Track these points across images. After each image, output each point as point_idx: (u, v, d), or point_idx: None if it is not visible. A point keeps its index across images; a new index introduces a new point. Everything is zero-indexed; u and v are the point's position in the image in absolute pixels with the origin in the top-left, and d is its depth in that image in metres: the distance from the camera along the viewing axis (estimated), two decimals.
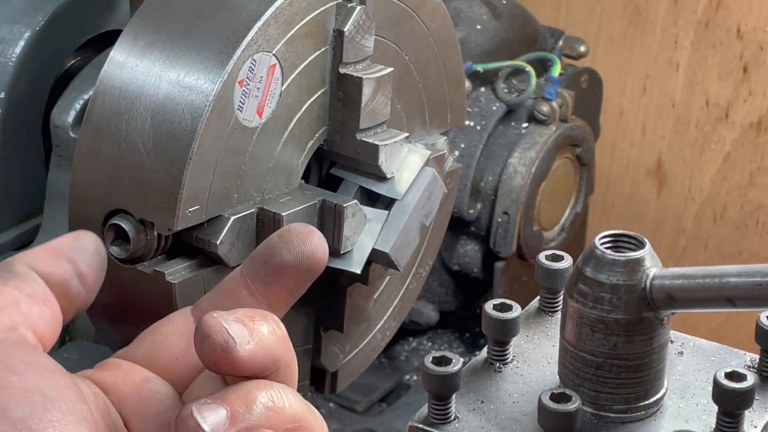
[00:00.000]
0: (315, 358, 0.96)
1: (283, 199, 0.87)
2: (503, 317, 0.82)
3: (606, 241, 0.77)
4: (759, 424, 0.79)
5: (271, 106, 0.85)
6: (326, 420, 1.17)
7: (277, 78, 0.84)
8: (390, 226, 0.90)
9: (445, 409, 0.79)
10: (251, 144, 0.85)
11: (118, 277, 0.83)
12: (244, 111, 0.83)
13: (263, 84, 0.84)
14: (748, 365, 0.84)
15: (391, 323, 1.02)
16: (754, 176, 1.47)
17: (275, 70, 0.84)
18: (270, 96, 0.85)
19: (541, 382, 0.82)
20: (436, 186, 0.91)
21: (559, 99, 1.24)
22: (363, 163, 0.90)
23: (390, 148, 0.89)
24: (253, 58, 0.83)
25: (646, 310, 0.76)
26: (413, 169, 0.91)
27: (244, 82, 0.83)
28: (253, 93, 0.84)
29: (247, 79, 0.83)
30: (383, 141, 0.89)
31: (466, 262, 1.26)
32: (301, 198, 0.88)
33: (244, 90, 0.83)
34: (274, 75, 0.84)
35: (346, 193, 0.91)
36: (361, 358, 1.00)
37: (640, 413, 0.79)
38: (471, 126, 1.23)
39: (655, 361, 0.78)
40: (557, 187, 1.27)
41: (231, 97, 0.82)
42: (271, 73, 0.84)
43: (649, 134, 1.52)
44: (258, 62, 0.83)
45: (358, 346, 0.99)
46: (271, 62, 0.84)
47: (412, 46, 0.93)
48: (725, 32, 1.43)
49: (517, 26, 1.28)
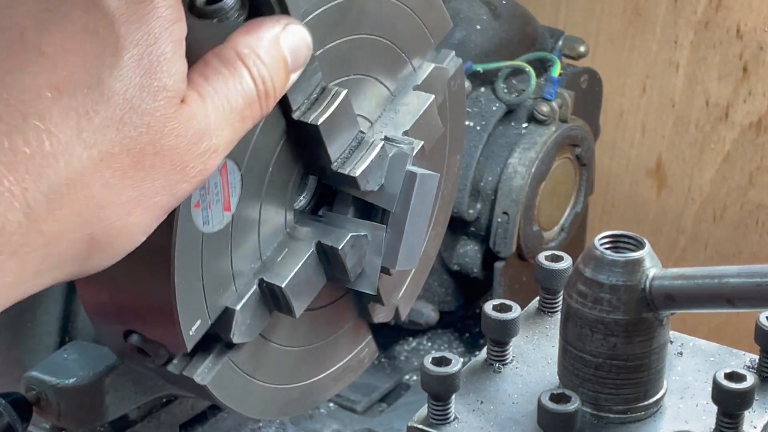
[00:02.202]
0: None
1: (280, 256, 0.86)
2: (503, 318, 0.82)
3: (605, 242, 0.77)
4: (758, 424, 0.79)
5: (237, 194, 0.82)
6: (326, 420, 1.18)
7: (232, 169, 0.81)
8: (391, 240, 0.89)
9: (445, 410, 0.79)
10: (230, 237, 0.83)
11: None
12: (211, 222, 0.82)
13: (220, 186, 0.81)
14: (747, 366, 0.84)
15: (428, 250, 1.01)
16: (754, 176, 1.47)
17: (227, 166, 0.81)
18: (232, 188, 0.82)
19: (540, 382, 0.82)
20: (426, 183, 0.89)
21: (559, 99, 1.24)
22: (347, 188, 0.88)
23: (368, 168, 0.86)
24: None
25: (645, 310, 0.76)
26: (401, 168, 0.89)
27: (200, 203, 0.80)
28: (214, 200, 0.81)
29: (201, 198, 0.80)
30: (360, 167, 0.85)
31: (465, 262, 1.26)
32: (297, 249, 0.87)
33: (203, 207, 0.80)
34: (227, 170, 0.81)
35: (342, 205, 0.89)
36: (412, 287, 1.00)
37: (640, 414, 0.79)
38: (471, 126, 1.23)
39: (655, 361, 0.78)
40: (557, 187, 1.27)
41: (192, 224, 0.80)
42: (224, 172, 0.81)
43: (649, 134, 1.52)
44: None
45: (402, 288, 0.99)
46: (219, 163, 0.80)
47: (361, 18, 0.89)
48: (725, 32, 1.43)
49: (516, 26, 1.27)
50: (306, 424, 1.16)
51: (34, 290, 0.67)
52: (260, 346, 0.89)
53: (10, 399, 0.92)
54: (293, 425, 1.12)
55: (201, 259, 0.82)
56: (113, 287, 0.85)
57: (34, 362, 0.96)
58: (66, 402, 0.94)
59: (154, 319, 0.84)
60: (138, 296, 0.84)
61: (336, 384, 1.00)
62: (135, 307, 0.85)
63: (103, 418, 0.95)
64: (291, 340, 0.93)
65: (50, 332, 0.99)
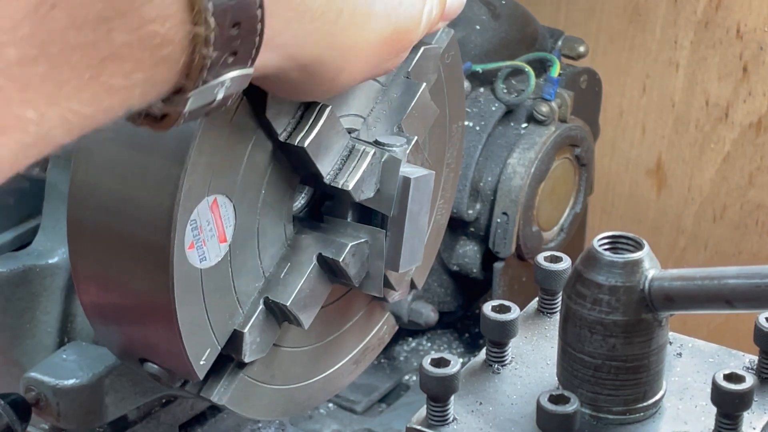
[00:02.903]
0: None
1: (283, 272, 0.87)
2: (502, 319, 0.82)
3: (604, 243, 0.77)
4: (758, 425, 0.79)
5: (231, 224, 0.83)
6: (326, 420, 1.18)
7: (223, 203, 0.82)
8: (393, 242, 0.89)
9: (444, 411, 0.79)
10: (229, 265, 0.84)
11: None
12: (208, 257, 0.82)
13: (213, 222, 0.81)
14: (746, 367, 0.84)
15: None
16: (754, 176, 1.47)
17: (217, 201, 0.81)
18: (225, 220, 0.82)
19: (539, 383, 0.82)
20: (421, 185, 0.88)
21: (559, 99, 1.24)
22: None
23: (361, 178, 0.85)
24: (191, 221, 0.80)
25: (644, 311, 0.76)
26: (394, 173, 0.87)
27: (194, 243, 0.80)
28: (208, 237, 0.81)
29: (195, 238, 0.80)
30: (353, 179, 0.85)
31: (465, 263, 1.26)
32: (299, 264, 0.87)
33: (198, 246, 0.81)
34: (218, 205, 0.81)
35: (341, 207, 0.89)
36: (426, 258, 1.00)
37: (639, 415, 0.79)
38: (470, 126, 1.23)
39: (654, 362, 0.78)
40: (556, 188, 1.27)
41: (189, 265, 0.80)
42: (215, 207, 0.81)
43: (649, 134, 1.51)
44: (198, 215, 0.80)
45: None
46: (210, 201, 0.81)
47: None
48: (725, 32, 1.43)
49: (516, 26, 1.27)
50: (306, 425, 1.16)
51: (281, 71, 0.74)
52: (272, 354, 0.89)
53: (9, 400, 0.92)
54: (293, 426, 1.12)
55: (202, 294, 0.83)
56: (125, 326, 0.86)
57: (33, 363, 0.96)
58: (65, 402, 0.94)
59: (164, 353, 0.85)
60: (146, 334, 0.85)
61: (357, 367, 1.00)
62: (145, 343, 0.86)
63: (103, 418, 0.95)
64: (303, 341, 0.93)
65: (50, 333, 0.99)
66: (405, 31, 0.80)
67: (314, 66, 0.74)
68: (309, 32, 0.72)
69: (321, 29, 0.72)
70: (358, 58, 0.77)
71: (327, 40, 0.73)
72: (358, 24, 0.75)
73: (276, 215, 0.86)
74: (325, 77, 0.76)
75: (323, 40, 0.73)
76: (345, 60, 0.76)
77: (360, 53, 0.77)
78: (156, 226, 0.79)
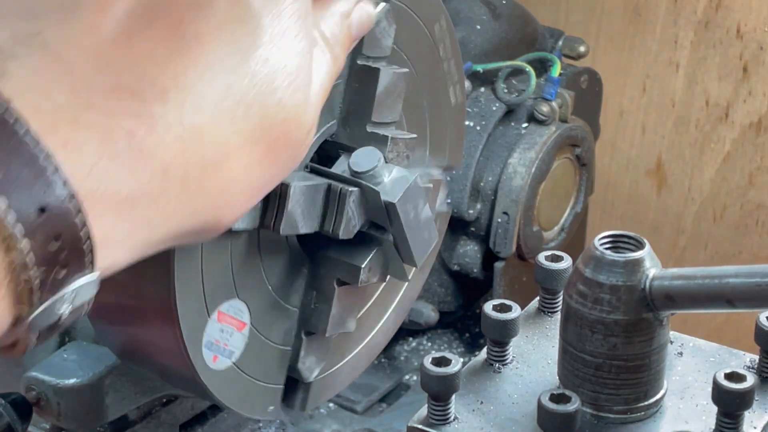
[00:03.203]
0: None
1: (312, 301, 0.89)
2: (503, 318, 0.82)
3: (605, 242, 0.77)
4: (759, 424, 0.79)
5: (245, 311, 0.87)
6: (326, 420, 1.18)
7: (228, 306, 0.86)
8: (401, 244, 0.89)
9: (445, 410, 0.79)
10: (258, 333, 0.89)
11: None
12: (235, 350, 0.87)
13: (226, 326, 0.85)
14: (747, 366, 0.84)
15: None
16: (754, 176, 1.47)
17: (221, 310, 0.85)
18: (238, 314, 0.86)
19: (540, 382, 0.82)
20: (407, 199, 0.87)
21: (559, 99, 1.24)
22: None
23: (348, 219, 0.85)
24: (204, 344, 0.84)
25: (645, 310, 0.76)
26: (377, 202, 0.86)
27: (217, 357, 0.85)
28: (227, 339, 0.86)
29: (215, 352, 0.85)
30: (340, 227, 0.84)
31: (465, 262, 1.26)
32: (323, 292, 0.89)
33: (221, 352, 0.86)
34: (224, 312, 0.85)
35: None
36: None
37: (640, 414, 0.79)
38: (471, 126, 1.23)
39: (655, 361, 0.78)
40: (557, 187, 1.27)
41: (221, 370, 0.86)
42: (222, 316, 0.85)
43: (649, 134, 1.52)
44: (209, 334, 0.84)
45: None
46: (214, 317, 0.84)
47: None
48: (725, 32, 1.43)
49: (516, 26, 1.27)
50: (306, 424, 1.16)
51: (144, 255, 0.69)
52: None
53: (9, 399, 0.92)
54: (293, 425, 1.12)
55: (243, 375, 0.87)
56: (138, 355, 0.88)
57: (33, 362, 0.96)
58: (66, 402, 0.94)
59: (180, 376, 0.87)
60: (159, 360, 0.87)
61: (397, 322, 1.00)
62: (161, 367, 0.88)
63: (103, 418, 0.95)
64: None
65: None
66: (287, 137, 0.72)
67: (183, 234, 0.68)
68: (156, 214, 0.66)
69: (168, 206, 0.66)
70: (234, 200, 0.70)
71: (184, 210, 0.67)
72: (214, 173, 0.68)
73: (286, 276, 0.88)
74: (202, 235, 0.71)
75: (178, 212, 0.67)
76: (217, 211, 0.69)
77: (235, 196, 0.70)
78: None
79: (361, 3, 0.81)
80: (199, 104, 0.66)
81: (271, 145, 0.70)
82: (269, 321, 0.88)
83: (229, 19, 0.69)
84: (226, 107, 0.68)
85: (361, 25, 0.81)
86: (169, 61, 0.66)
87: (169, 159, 0.65)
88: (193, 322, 0.82)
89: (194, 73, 0.67)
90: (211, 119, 0.67)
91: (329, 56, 0.76)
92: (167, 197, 0.65)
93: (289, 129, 0.71)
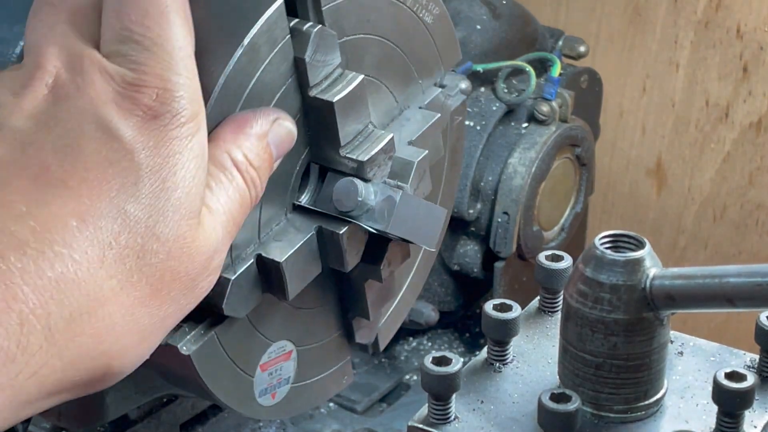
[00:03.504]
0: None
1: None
2: (503, 317, 0.82)
3: (606, 241, 0.77)
4: (759, 424, 0.79)
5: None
6: (326, 420, 1.18)
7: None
8: None
9: (445, 410, 0.79)
10: None
11: None
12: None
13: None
14: (747, 365, 0.84)
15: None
16: (754, 176, 1.47)
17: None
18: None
19: (541, 382, 0.82)
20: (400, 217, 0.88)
21: (559, 99, 1.24)
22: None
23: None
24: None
25: (646, 310, 0.76)
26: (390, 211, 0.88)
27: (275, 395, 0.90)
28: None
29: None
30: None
31: (465, 262, 1.26)
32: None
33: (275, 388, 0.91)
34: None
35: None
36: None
37: (640, 413, 0.79)
38: (471, 126, 1.23)
39: (655, 361, 0.78)
40: (557, 187, 1.27)
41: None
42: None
43: (649, 134, 1.52)
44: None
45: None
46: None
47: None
48: (725, 32, 1.43)
49: (516, 26, 1.27)
50: (306, 424, 1.16)
51: (42, 409, 0.67)
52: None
53: None
54: (293, 425, 1.12)
55: None
56: None
57: None
58: (66, 402, 0.93)
59: None
60: None
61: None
62: None
63: (104, 417, 0.95)
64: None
65: None
66: (175, 272, 0.70)
67: (68, 387, 0.67)
68: (18, 372, 0.63)
69: (32, 361, 0.63)
70: (120, 346, 0.68)
71: (54, 363, 0.65)
72: (87, 321, 0.66)
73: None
74: (96, 384, 0.69)
75: (47, 366, 0.65)
76: (102, 359, 0.68)
77: (119, 342, 0.68)
78: None
79: (279, 120, 0.78)
80: (62, 253, 0.64)
81: (156, 284, 0.68)
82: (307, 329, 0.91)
83: (98, 160, 0.67)
84: (95, 254, 0.66)
85: (281, 144, 0.79)
86: (30, 213, 0.65)
87: (27, 312, 0.63)
88: None
89: (58, 223, 0.65)
90: (78, 267, 0.65)
91: (240, 180, 0.74)
92: (29, 352, 0.63)
93: (176, 264, 0.69)
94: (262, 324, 0.90)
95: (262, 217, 0.85)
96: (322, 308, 0.94)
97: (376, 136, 0.87)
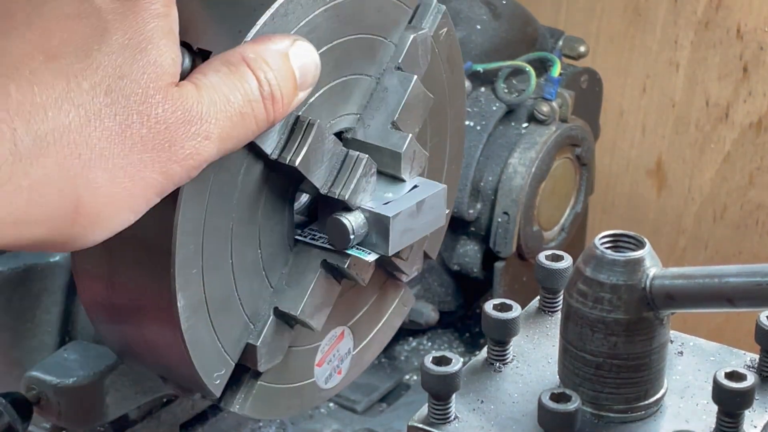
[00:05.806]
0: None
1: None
2: (503, 317, 0.82)
3: (606, 241, 0.77)
4: (759, 423, 0.79)
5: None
6: (326, 420, 1.18)
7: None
8: None
9: (445, 409, 0.79)
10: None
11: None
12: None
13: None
14: (747, 365, 0.84)
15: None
16: (754, 176, 1.47)
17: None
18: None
19: (541, 382, 0.82)
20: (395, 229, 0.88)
21: (559, 99, 1.24)
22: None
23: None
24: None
25: (646, 310, 0.76)
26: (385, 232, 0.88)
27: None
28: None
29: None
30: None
31: (465, 262, 1.26)
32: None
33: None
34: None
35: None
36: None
37: (640, 413, 0.79)
38: (471, 126, 1.23)
39: (655, 361, 0.78)
40: (557, 187, 1.27)
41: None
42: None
43: (649, 134, 1.52)
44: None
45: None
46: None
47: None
48: (725, 32, 1.43)
49: (517, 26, 1.27)
50: (306, 424, 1.16)
51: (13, 243, 0.68)
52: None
53: (10, 399, 0.92)
54: (293, 425, 1.12)
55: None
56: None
57: (34, 362, 0.96)
58: (66, 402, 0.94)
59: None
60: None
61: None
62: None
63: (104, 417, 0.95)
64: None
65: (50, 332, 0.99)
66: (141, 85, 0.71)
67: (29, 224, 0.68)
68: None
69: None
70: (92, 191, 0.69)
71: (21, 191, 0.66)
72: (50, 142, 0.67)
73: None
74: (64, 229, 0.69)
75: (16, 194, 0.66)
76: (69, 195, 0.68)
77: (92, 161, 0.69)
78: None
79: (298, 41, 0.78)
80: (30, 80, 0.67)
81: (124, 122, 0.69)
82: (352, 303, 0.92)
83: (69, 12, 0.70)
84: (61, 86, 0.68)
85: (304, 68, 0.78)
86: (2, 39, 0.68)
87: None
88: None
89: (25, 57, 0.68)
90: (46, 95, 0.67)
91: (247, 73, 0.75)
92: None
93: (147, 109, 0.70)
94: (301, 338, 0.90)
95: (266, 267, 0.87)
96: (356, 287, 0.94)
97: (351, 162, 0.85)
